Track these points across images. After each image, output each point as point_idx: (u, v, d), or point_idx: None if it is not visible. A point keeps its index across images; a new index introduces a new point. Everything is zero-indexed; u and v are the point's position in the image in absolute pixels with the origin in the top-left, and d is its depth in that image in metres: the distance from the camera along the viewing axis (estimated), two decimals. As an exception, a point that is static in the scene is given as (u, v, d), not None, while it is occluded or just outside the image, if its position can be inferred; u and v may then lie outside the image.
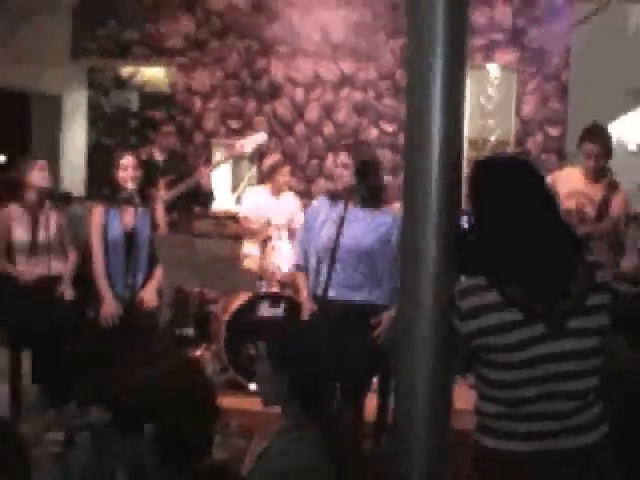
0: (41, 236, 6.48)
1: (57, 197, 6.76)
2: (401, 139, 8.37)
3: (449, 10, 2.78)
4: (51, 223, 6.56)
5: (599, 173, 6.59)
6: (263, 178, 8.09)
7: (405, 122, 2.93)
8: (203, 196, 7.65)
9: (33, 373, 6.32)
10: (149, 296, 6.43)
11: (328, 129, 8.71)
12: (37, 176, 6.48)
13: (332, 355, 3.25)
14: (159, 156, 7.64)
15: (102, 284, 6.36)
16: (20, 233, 6.47)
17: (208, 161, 8.72)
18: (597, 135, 6.52)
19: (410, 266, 2.85)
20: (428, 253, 2.79)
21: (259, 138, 7.63)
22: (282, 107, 8.84)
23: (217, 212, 8.50)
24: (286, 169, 7.85)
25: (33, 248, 6.47)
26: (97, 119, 11.61)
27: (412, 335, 2.82)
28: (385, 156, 8.41)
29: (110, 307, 6.29)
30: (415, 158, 2.84)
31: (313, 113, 8.75)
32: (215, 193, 8.25)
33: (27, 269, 6.48)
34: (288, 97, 8.82)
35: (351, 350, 5.00)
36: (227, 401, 5.38)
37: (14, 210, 6.52)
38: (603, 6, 7.61)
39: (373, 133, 8.54)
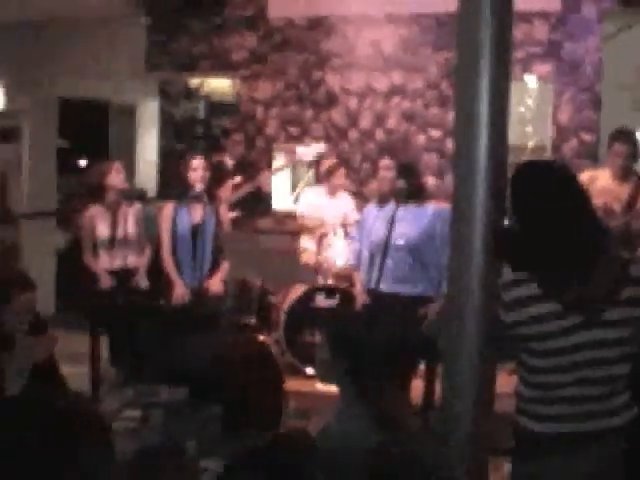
0: (120, 232, 6.54)
1: (133, 196, 6.81)
2: (446, 144, 8.35)
3: (495, 26, 2.78)
4: (129, 220, 6.61)
5: (627, 173, 6.60)
6: (320, 179, 8.09)
7: (454, 130, 2.95)
8: (263, 198, 7.72)
9: (111, 356, 6.37)
10: (215, 285, 6.49)
11: (379, 135, 8.69)
12: (115, 178, 6.54)
13: (384, 342, 3.27)
14: (229, 161, 7.71)
15: (172, 271, 6.45)
16: (102, 230, 6.54)
17: (269, 165, 8.75)
18: (626, 137, 6.62)
19: (459, 261, 2.87)
20: (475, 249, 2.80)
21: (318, 148, 7.72)
22: (337, 115, 8.84)
23: (277, 210, 8.52)
24: (341, 171, 7.84)
25: (113, 243, 6.53)
26: (168, 126, 11.69)
27: (460, 323, 2.83)
28: (432, 160, 8.40)
29: (180, 292, 6.37)
30: (463, 163, 2.86)
31: (366, 120, 8.74)
32: (275, 194, 8.32)
33: (107, 262, 6.56)
34: (343, 106, 8.82)
35: (400, 337, 5.00)
36: (285, 384, 5.39)
37: (96, 210, 6.58)
38: (633, 22, 7.60)
39: (421, 139, 8.50)
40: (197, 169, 6.39)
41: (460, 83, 2.92)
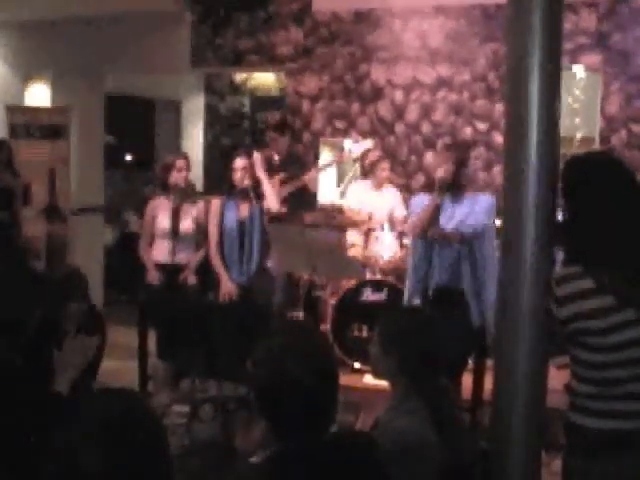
0: (178, 227, 6.58)
1: (190, 192, 6.85)
2: (493, 137, 8.30)
3: (545, 16, 2.76)
4: (189, 217, 6.64)
5: None
6: (366, 173, 8.09)
7: (505, 122, 2.93)
8: (309, 196, 7.74)
9: (159, 351, 6.41)
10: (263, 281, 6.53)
11: (426, 128, 8.65)
12: (177, 176, 6.59)
13: (435, 336, 3.26)
14: (276, 157, 7.72)
15: (219, 267, 6.47)
16: (162, 222, 6.61)
17: (316, 158, 8.76)
18: None
19: (511, 256, 2.85)
20: (527, 243, 2.78)
21: (365, 145, 7.76)
22: (383, 108, 8.80)
23: (324, 205, 8.52)
24: (386, 164, 7.83)
25: (169, 237, 6.58)
26: (213, 121, 11.79)
27: (513, 318, 2.81)
28: (479, 153, 8.34)
29: (228, 287, 6.39)
30: (514, 156, 2.84)
31: (412, 113, 8.70)
32: (321, 188, 8.31)
33: (161, 255, 6.64)
34: (389, 99, 8.78)
35: (450, 331, 4.98)
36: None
37: (160, 202, 6.71)
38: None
39: (467, 131, 8.45)
40: (240, 169, 6.43)
41: (510, 75, 2.90)
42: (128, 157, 12.52)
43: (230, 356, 5.66)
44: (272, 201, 6.61)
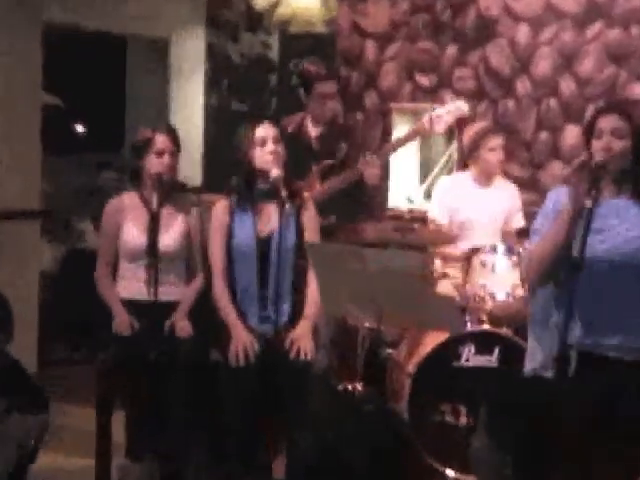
0: (157, 243, 6.53)
1: (178, 188, 6.85)
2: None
3: None
4: (174, 226, 6.69)
5: None
6: (465, 159, 8.10)
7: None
8: (367, 193, 7.69)
9: (131, 444, 6.47)
10: (304, 340, 6.38)
11: (567, 86, 8.64)
12: (156, 162, 6.58)
13: (582, 427, 3.27)
14: (313, 130, 7.67)
15: (228, 308, 6.42)
16: (130, 235, 6.69)
17: (386, 135, 8.76)
18: None
19: None
20: None
21: (457, 109, 7.65)
22: (496, 54, 8.83)
23: (397, 211, 8.55)
24: (498, 142, 7.85)
25: (144, 258, 6.58)
26: (220, 74, 11.78)
27: None
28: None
29: (242, 340, 6.23)
30: None
31: (543, 63, 8.70)
32: (393, 185, 8.30)
33: (132, 288, 6.69)
34: (506, 39, 8.82)
35: (610, 420, 4.94)
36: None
37: (127, 202, 6.77)
38: None
39: (636, 90, 8.44)
40: (266, 142, 6.38)
41: None
42: (80, 129, 12.59)
43: (246, 448, 5.67)
44: (310, 229, 6.64)
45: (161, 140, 6.64)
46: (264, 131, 6.39)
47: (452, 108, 7.63)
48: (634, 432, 4.93)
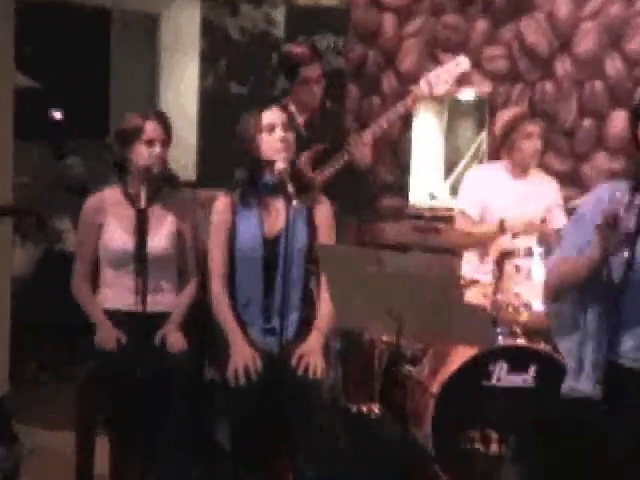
0: (152, 246, 6.53)
1: (170, 182, 6.78)
2: None
3: None
4: (164, 226, 6.70)
5: None
6: (497, 148, 8.02)
7: None
8: (361, 178, 7.77)
9: (115, 474, 6.47)
10: (313, 355, 6.32)
11: (613, 66, 8.57)
12: (145, 152, 6.55)
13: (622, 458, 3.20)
14: (298, 117, 7.60)
15: (228, 320, 6.38)
16: (113, 237, 6.66)
17: (406, 124, 8.70)
18: None
19: None
20: None
21: (457, 65, 7.64)
22: (532, 30, 8.83)
23: (419, 208, 8.51)
24: (535, 129, 7.81)
25: (130, 263, 6.58)
26: (217, 51, 11.77)
27: None
28: None
29: (244, 356, 6.21)
30: None
31: (587, 39, 8.65)
32: (414, 178, 8.21)
33: (116, 297, 6.66)
34: (543, 12, 8.82)
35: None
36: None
37: (108, 199, 6.75)
38: None
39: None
40: (274, 128, 6.34)
41: None
42: (58, 115, 12.52)
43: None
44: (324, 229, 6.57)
45: (151, 128, 6.57)
46: (272, 116, 6.33)
47: (451, 66, 7.64)
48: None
